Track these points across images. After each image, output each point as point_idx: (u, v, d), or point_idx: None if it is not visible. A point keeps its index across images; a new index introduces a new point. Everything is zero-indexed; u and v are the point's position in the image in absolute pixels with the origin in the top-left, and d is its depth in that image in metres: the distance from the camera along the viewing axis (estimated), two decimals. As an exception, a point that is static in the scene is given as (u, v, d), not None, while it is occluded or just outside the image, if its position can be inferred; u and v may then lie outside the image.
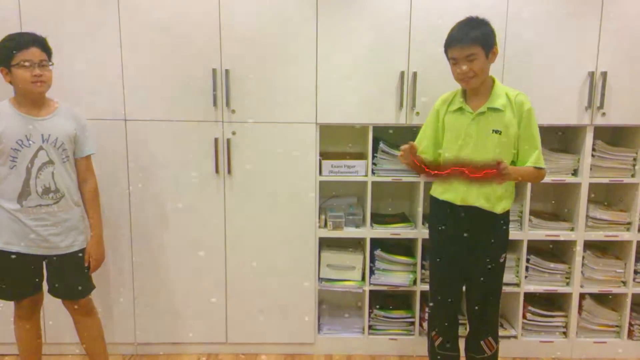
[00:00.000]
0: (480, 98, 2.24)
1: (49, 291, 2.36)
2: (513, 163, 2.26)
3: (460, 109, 2.27)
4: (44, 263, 2.30)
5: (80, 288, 2.35)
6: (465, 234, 2.28)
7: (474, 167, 2.16)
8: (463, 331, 2.53)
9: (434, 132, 2.35)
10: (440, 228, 2.37)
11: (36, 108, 2.21)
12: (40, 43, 2.17)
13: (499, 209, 2.25)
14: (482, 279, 2.32)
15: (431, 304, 2.46)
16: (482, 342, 2.38)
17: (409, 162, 2.24)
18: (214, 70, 2.65)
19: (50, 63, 2.21)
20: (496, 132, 2.20)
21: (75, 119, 2.31)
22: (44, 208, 2.21)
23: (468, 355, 2.45)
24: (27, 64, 2.11)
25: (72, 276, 2.33)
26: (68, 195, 2.27)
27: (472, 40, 2.13)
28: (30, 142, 2.17)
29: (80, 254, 2.35)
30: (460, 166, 2.19)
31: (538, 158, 2.22)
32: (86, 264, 2.36)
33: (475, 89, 2.23)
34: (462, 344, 2.46)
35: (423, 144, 2.36)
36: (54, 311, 2.63)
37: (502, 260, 2.33)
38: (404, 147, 2.20)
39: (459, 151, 2.24)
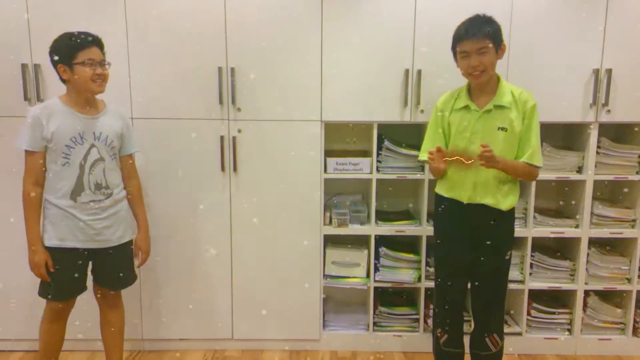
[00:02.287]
0: (486, 96, 2.25)
1: (96, 281, 2.41)
2: (518, 158, 2.26)
3: (466, 107, 2.27)
4: (93, 258, 2.34)
5: (128, 277, 2.45)
6: (471, 232, 2.29)
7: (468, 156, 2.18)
8: (468, 328, 2.54)
9: (440, 134, 2.35)
10: (445, 226, 2.38)
11: (88, 106, 2.26)
12: (100, 44, 2.23)
13: (504, 205, 2.26)
14: (487, 276, 2.32)
15: (436, 302, 2.47)
16: (487, 339, 2.38)
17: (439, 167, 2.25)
18: (220, 69, 2.66)
19: (108, 63, 2.25)
20: (502, 129, 2.21)
21: (122, 118, 2.38)
22: (96, 203, 2.27)
23: (473, 352, 2.45)
24: (90, 62, 2.16)
25: (122, 266, 2.41)
26: (116, 191, 2.34)
27: (485, 34, 2.16)
28: (84, 139, 2.22)
29: (130, 245, 2.43)
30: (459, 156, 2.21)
31: (532, 155, 2.22)
32: (135, 257, 2.46)
33: (481, 86, 2.24)
34: (467, 340, 2.47)
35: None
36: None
37: (507, 257, 2.33)
38: (434, 153, 2.21)
39: (466, 149, 2.25)
